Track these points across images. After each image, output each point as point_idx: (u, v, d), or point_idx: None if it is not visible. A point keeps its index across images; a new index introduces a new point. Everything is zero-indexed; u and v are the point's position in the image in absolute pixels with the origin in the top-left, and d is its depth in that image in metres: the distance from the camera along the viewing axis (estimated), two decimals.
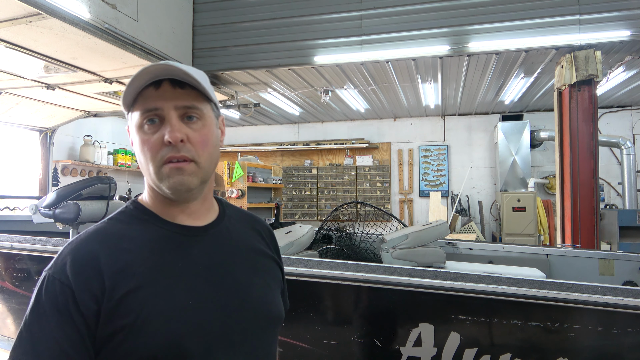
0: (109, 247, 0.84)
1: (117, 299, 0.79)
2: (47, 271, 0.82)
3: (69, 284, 0.78)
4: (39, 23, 3.20)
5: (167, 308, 0.81)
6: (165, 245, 0.89)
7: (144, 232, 0.89)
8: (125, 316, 0.78)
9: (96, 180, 3.47)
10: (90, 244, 0.84)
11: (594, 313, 1.44)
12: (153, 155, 0.87)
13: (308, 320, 1.79)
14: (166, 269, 0.85)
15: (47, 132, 5.80)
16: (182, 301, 0.83)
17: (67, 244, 0.86)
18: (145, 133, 0.88)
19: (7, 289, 2.52)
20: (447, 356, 1.58)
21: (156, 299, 0.81)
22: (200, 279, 0.88)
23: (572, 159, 4.56)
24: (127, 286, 0.80)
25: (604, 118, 7.78)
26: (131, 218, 0.91)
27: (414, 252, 2.75)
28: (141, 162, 0.90)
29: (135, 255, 0.84)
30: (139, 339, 0.78)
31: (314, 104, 7.62)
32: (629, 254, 2.87)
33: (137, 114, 0.88)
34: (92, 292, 0.78)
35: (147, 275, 0.83)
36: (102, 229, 0.88)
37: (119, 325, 0.78)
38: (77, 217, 3.25)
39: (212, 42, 5.43)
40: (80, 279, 0.79)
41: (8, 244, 2.45)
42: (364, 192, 8.91)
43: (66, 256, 0.82)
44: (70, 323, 0.77)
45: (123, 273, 0.81)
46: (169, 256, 0.87)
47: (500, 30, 4.63)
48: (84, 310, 0.77)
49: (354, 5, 5.02)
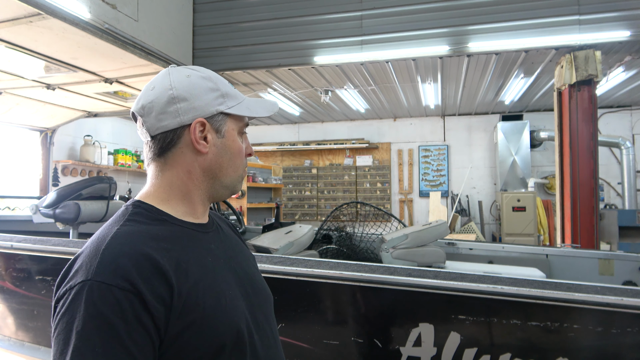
0: (155, 247, 0.82)
1: (184, 297, 0.80)
2: (92, 280, 0.74)
3: (132, 290, 0.74)
4: (39, 23, 3.20)
5: (220, 299, 0.86)
6: (192, 242, 0.92)
7: (168, 231, 0.89)
8: (192, 312, 0.80)
9: (96, 180, 3.48)
10: (139, 245, 0.80)
11: (594, 313, 1.44)
12: (243, 162, 1.01)
13: (308, 320, 1.80)
14: (205, 264, 0.89)
15: (48, 132, 5.80)
16: (226, 292, 0.89)
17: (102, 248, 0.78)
18: (241, 141, 1.00)
19: (7, 289, 2.52)
20: (447, 356, 1.58)
21: (211, 292, 0.85)
22: (226, 270, 0.95)
23: (572, 159, 4.56)
24: (188, 283, 0.82)
25: (603, 118, 7.78)
26: (149, 219, 0.89)
27: (414, 252, 2.75)
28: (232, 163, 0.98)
29: (177, 253, 0.85)
30: (207, 331, 0.81)
31: (314, 104, 7.62)
32: (628, 254, 2.87)
33: (241, 124, 1.00)
34: (159, 294, 0.76)
35: (196, 271, 0.86)
36: (136, 230, 0.84)
37: (188, 322, 0.79)
38: (77, 217, 3.25)
39: (212, 42, 5.43)
40: (146, 283, 0.76)
41: (8, 243, 2.45)
42: (364, 192, 8.91)
43: (115, 260, 0.76)
44: (139, 330, 0.73)
45: (180, 271, 0.82)
46: (199, 252, 0.91)
47: (500, 30, 4.64)
48: (155, 313, 0.75)
49: (354, 5, 5.02)
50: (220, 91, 0.95)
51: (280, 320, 1.78)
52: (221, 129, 0.95)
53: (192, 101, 0.91)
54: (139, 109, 0.93)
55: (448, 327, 1.58)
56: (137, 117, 0.94)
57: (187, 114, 0.91)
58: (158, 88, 0.92)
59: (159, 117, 0.91)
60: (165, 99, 0.91)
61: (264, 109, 1.01)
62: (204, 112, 0.92)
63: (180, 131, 0.92)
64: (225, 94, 0.96)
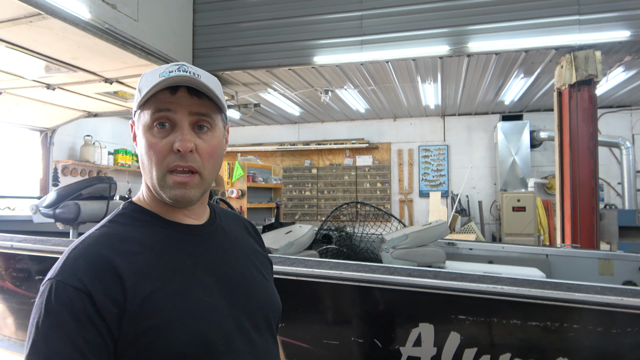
0: (121, 251, 0.82)
1: (139, 301, 0.78)
2: (54, 278, 0.77)
3: (84, 289, 0.75)
4: (39, 23, 3.20)
5: (188, 307, 0.83)
6: (172, 245, 0.89)
7: (148, 233, 0.88)
8: (150, 318, 0.78)
9: (96, 180, 3.48)
10: (100, 248, 0.82)
11: (594, 313, 1.44)
12: (159, 160, 0.87)
13: (308, 320, 1.80)
14: (179, 268, 0.86)
15: (48, 132, 5.80)
16: (199, 299, 0.85)
17: (71, 249, 0.82)
18: (154, 136, 0.87)
19: (7, 289, 2.52)
20: (447, 356, 1.58)
21: (177, 299, 0.82)
22: (210, 275, 0.90)
23: (572, 159, 4.56)
24: (148, 288, 0.80)
25: (603, 118, 7.78)
26: (132, 220, 0.90)
27: (414, 252, 2.75)
28: (144, 165, 0.89)
29: (147, 256, 0.84)
30: (167, 339, 0.79)
31: (314, 104, 7.62)
32: (628, 254, 2.87)
33: (148, 114, 0.87)
34: (111, 296, 0.77)
35: (163, 275, 0.83)
36: (107, 232, 0.86)
37: (145, 327, 0.78)
38: (77, 217, 3.25)
39: (212, 42, 5.43)
40: (98, 284, 0.77)
41: (8, 243, 2.45)
42: (364, 192, 8.91)
43: (76, 262, 0.79)
44: (90, 329, 0.74)
45: (141, 275, 0.81)
46: (178, 255, 0.88)
47: (500, 30, 4.64)
48: (105, 314, 0.76)
49: (354, 5, 5.02)
50: (139, 91, 0.89)
51: (280, 320, 1.79)
52: (137, 125, 0.90)
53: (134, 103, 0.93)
54: None
55: (448, 327, 1.58)
56: None
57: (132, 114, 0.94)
58: None
59: None
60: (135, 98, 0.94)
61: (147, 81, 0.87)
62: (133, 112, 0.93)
63: None
64: (139, 90, 0.89)
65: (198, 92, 0.88)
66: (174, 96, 0.86)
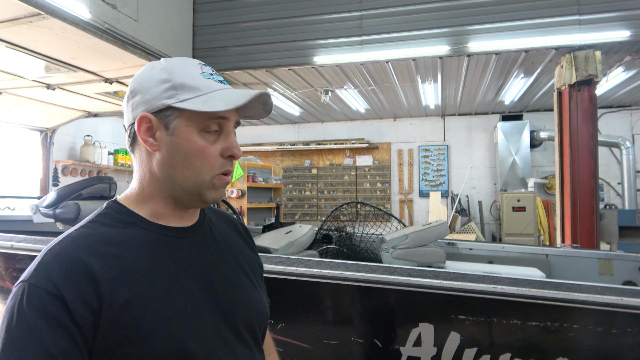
0: (99, 253, 0.77)
1: (116, 309, 0.74)
2: (27, 281, 0.73)
3: (57, 294, 0.71)
4: (39, 23, 3.20)
5: (168, 315, 0.79)
6: (155, 248, 0.85)
7: (131, 235, 0.84)
8: (127, 326, 0.75)
9: (96, 180, 3.48)
10: (76, 250, 0.77)
11: (594, 313, 1.44)
12: (211, 164, 0.86)
13: (308, 320, 1.79)
14: (161, 274, 0.82)
15: (48, 132, 5.80)
16: (181, 307, 0.81)
17: (46, 251, 0.77)
18: (206, 140, 0.85)
19: (7, 289, 2.52)
20: (447, 356, 1.58)
21: (157, 307, 0.78)
22: (194, 281, 0.86)
23: (572, 159, 4.56)
24: (126, 294, 0.76)
25: (603, 118, 7.78)
26: (114, 221, 0.85)
27: (414, 252, 2.75)
28: (188, 165, 0.85)
29: (127, 260, 0.79)
30: (144, 349, 0.75)
31: (314, 104, 7.62)
32: (628, 254, 2.87)
33: (200, 117, 0.84)
34: (86, 301, 0.73)
35: (144, 281, 0.79)
36: (87, 233, 0.81)
37: (121, 336, 0.74)
38: (77, 217, 3.25)
39: (212, 42, 5.43)
40: (72, 288, 0.72)
41: (8, 243, 2.45)
42: (364, 192, 8.91)
43: (50, 264, 0.74)
44: (64, 336, 0.70)
45: (119, 280, 0.76)
46: (161, 260, 0.84)
47: (500, 30, 4.64)
48: (79, 320, 0.72)
49: (354, 5, 5.02)
50: (171, 82, 0.84)
51: (280, 320, 1.79)
52: (169, 125, 0.84)
53: (143, 94, 0.85)
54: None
55: (448, 327, 1.58)
56: None
57: (138, 109, 0.85)
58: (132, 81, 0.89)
59: (125, 109, 0.88)
60: (128, 92, 0.87)
61: (224, 101, 0.84)
62: (151, 106, 0.84)
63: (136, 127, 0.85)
64: (179, 86, 0.84)
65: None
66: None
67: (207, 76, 0.86)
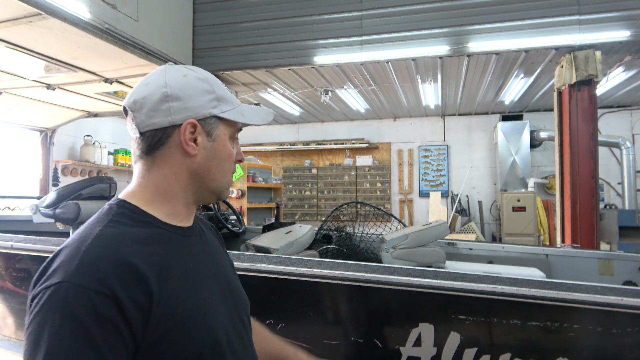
0: (137, 252, 0.79)
1: (162, 304, 0.77)
2: (67, 282, 0.71)
3: (109, 294, 0.71)
4: (39, 23, 3.20)
5: (200, 307, 0.85)
6: (175, 247, 0.89)
7: (152, 234, 0.86)
8: (170, 319, 0.78)
9: (96, 180, 3.48)
10: (119, 249, 0.78)
11: (594, 313, 1.44)
12: (232, 167, 0.98)
13: (308, 320, 1.79)
14: (186, 270, 0.87)
15: (48, 132, 5.80)
16: (207, 299, 0.88)
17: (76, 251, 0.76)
18: (232, 147, 0.97)
19: (7, 289, 2.52)
20: (447, 356, 1.58)
21: (190, 300, 0.83)
22: (209, 276, 0.93)
23: (572, 159, 4.56)
24: (168, 290, 0.79)
25: (603, 118, 7.78)
26: (133, 220, 0.86)
27: (414, 252, 2.75)
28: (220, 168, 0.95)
29: (159, 258, 0.82)
30: (185, 338, 0.79)
31: (314, 104, 7.62)
32: (628, 254, 2.87)
33: (232, 127, 0.97)
34: (138, 301, 0.74)
35: (176, 277, 0.83)
36: (118, 232, 0.82)
37: (166, 329, 0.77)
38: (77, 217, 3.25)
39: (212, 42, 5.43)
40: (124, 288, 0.73)
41: (8, 243, 2.45)
42: (364, 192, 8.91)
43: (95, 264, 0.74)
44: (115, 336, 0.71)
45: (161, 277, 0.80)
46: (182, 257, 0.89)
47: (500, 30, 4.64)
48: (132, 320, 0.73)
49: (354, 5, 5.02)
50: (215, 94, 0.92)
51: (280, 320, 1.79)
52: (212, 132, 0.92)
53: (186, 101, 0.89)
54: (130, 104, 0.90)
55: (448, 327, 1.58)
56: (128, 111, 0.90)
57: (179, 114, 0.88)
58: (152, 84, 0.89)
59: (150, 114, 0.88)
60: (158, 96, 0.88)
61: (259, 118, 0.99)
62: (197, 113, 0.90)
63: (171, 130, 0.89)
64: (221, 98, 0.93)
65: None
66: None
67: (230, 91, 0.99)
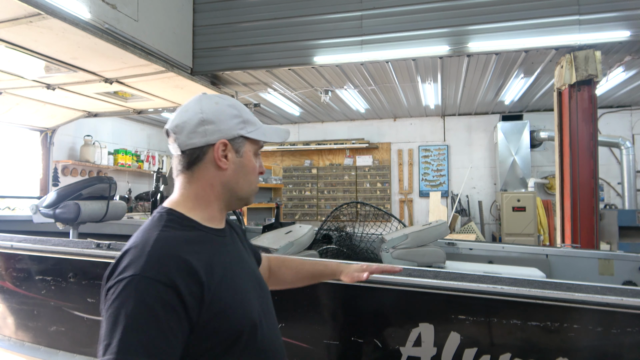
0: (189, 251, 0.98)
1: (211, 293, 0.97)
2: (139, 275, 0.90)
3: (172, 285, 0.90)
4: (39, 23, 3.20)
5: (239, 294, 1.05)
6: (214, 245, 1.08)
7: (196, 236, 1.06)
8: (217, 304, 0.97)
9: (96, 180, 3.48)
10: (176, 249, 0.97)
11: (594, 313, 1.44)
12: (257, 179, 1.19)
13: (308, 320, 1.80)
14: (225, 265, 1.06)
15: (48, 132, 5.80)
16: (242, 287, 1.08)
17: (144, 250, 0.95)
18: (256, 161, 1.18)
19: (7, 289, 2.52)
20: (447, 356, 1.58)
21: (231, 289, 1.04)
22: (242, 269, 1.14)
23: (572, 159, 4.56)
24: (214, 280, 0.99)
25: (603, 118, 7.78)
26: (181, 225, 1.06)
27: (414, 252, 2.75)
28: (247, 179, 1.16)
29: (205, 255, 1.01)
30: (229, 320, 1.00)
31: (314, 104, 7.62)
32: (628, 254, 2.87)
33: (256, 145, 1.17)
34: (193, 291, 0.93)
35: (219, 271, 1.02)
36: (172, 235, 1.01)
37: (213, 313, 0.96)
38: (77, 217, 3.25)
39: (212, 42, 5.43)
40: (183, 281, 0.92)
41: (8, 243, 2.46)
42: (364, 192, 8.91)
43: (160, 260, 0.93)
44: (175, 319, 0.90)
45: (208, 271, 0.98)
46: (221, 254, 1.08)
47: (500, 30, 4.64)
48: (189, 306, 0.92)
49: (354, 5, 5.02)
50: (242, 118, 1.13)
51: (280, 320, 1.78)
52: (240, 149, 1.13)
53: (218, 124, 1.09)
54: (173, 127, 1.10)
55: (448, 327, 1.58)
56: (171, 133, 1.10)
57: (213, 135, 1.09)
58: (190, 111, 1.10)
59: (190, 135, 1.08)
60: (196, 120, 1.08)
61: (277, 136, 1.20)
62: (227, 134, 1.10)
63: (206, 149, 1.09)
64: (246, 121, 1.14)
65: None
66: None
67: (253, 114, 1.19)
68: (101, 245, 2.27)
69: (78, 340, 2.32)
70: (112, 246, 2.25)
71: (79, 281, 2.26)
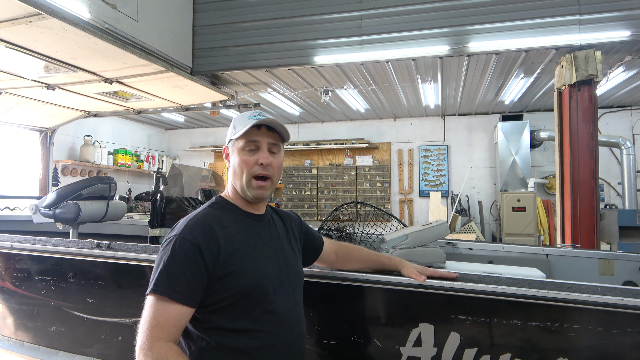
0: (217, 224, 1.35)
1: (227, 255, 1.30)
2: (178, 235, 1.29)
3: (197, 244, 1.27)
4: (39, 23, 3.19)
5: (253, 263, 1.35)
6: (245, 225, 1.43)
7: (230, 216, 1.42)
8: (231, 265, 1.30)
9: (96, 180, 3.48)
10: (207, 220, 1.35)
11: (594, 313, 1.44)
12: (248, 170, 1.40)
13: (308, 320, 1.79)
14: (248, 240, 1.39)
15: (47, 132, 5.80)
16: (259, 260, 1.37)
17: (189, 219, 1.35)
18: (245, 155, 1.41)
19: (7, 289, 2.52)
20: (447, 356, 1.58)
21: (247, 258, 1.35)
22: (266, 247, 1.43)
23: (572, 159, 4.56)
24: (232, 247, 1.33)
25: (603, 118, 7.78)
26: (221, 208, 1.44)
27: (414, 252, 2.75)
28: (236, 173, 1.43)
29: (231, 229, 1.37)
30: (239, 280, 1.31)
31: (314, 104, 7.62)
32: (629, 254, 2.87)
33: (242, 142, 1.41)
34: (212, 250, 1.28)
35: (240, 242, 1.36)
36: (209, 213, 1.39)
37: (228, 271, 1.29)
38: (77, 217, 3.25)
39: (212, 42, 5.43)
40: (206, 241, 1.29)
41: (8, 244, 2.45)
42: (364, 192, 8.91)
43: (193, 226, 1.31)
44: (197, 268, 1.26)
45: (228, 240, 1.33)
46: (249, 232, 1.41)
47: (500, 30, 4.63)
48: (207, 259, 1.27)
49: (354, 5, 5.02)
50: (233, 125, 1.46)
51: None
52: (232, 150, 1.45)
53: (228, 135, 1.48)
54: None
55: (448, 327, 1.58)
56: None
57: (226, 142, 1.49)
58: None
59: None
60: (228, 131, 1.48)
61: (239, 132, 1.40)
62: (227, 140, 1.48)
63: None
64: (235, 127, 1.44)
65: (272, 128, 1.43)
66: (259, 131, 1.41)
67: (250, 117, 1.40)
68: (101, 245, 2.27)
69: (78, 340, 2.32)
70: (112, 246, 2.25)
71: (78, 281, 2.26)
